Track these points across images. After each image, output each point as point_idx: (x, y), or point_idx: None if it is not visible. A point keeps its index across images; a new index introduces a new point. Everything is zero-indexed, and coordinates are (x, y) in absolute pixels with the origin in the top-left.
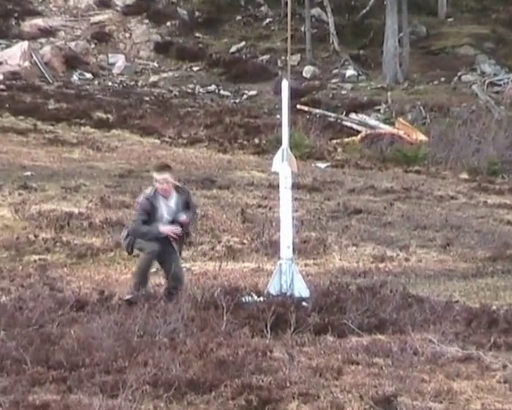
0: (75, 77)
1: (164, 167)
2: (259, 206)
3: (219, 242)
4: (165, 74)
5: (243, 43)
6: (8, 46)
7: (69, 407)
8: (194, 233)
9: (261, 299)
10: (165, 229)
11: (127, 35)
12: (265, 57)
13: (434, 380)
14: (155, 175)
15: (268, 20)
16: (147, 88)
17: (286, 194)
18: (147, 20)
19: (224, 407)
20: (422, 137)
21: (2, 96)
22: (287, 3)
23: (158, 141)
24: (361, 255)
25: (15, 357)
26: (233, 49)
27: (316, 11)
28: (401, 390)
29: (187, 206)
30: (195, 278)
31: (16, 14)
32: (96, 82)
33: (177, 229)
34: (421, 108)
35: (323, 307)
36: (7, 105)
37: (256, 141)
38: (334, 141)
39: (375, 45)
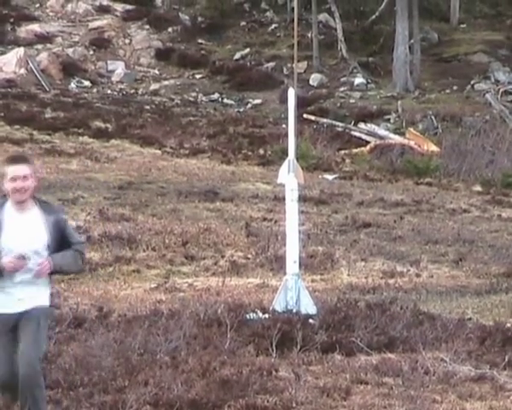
0: (73, 85)
1: (19, 158)
2: (264, 219)
3: (223, 256)
4: (166, 82)
5: (248, 50)
6: (3, 53)
7: None
8: (196, 247)
9: (266, 316)
10: (8, 262)
11: (127, 41)
12: (271, 64)
13: (446, 401)
14: (5, 169)
15: (273, 25)
16: (147, 96)
17: (292, 207)
18: (147, 26)
19: None
20: (434, 148)
21: None
22: (293, 9)
23: (159, 151)
24: (370, 271)
25: None
26: (237, 55)
27: (323, 17)
28: None
29: (62, 238)
30: (198, 294)
31: (12, 20)
32: (94, 90)
33: (22, 263)
34: (433, 117)
35: (331, 325)
36: (2, 114)
37: (261, 152)
38: (342, 152)
39: (384, 52)
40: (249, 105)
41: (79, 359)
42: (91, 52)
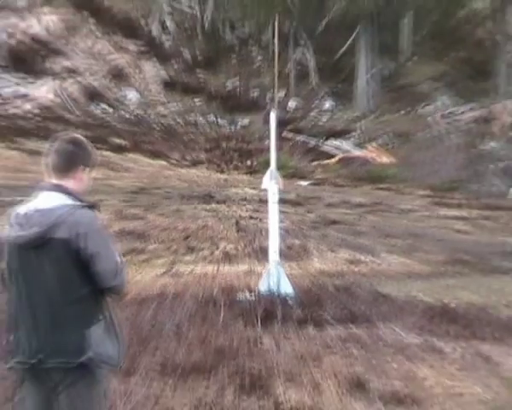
0: (95, 108)
1: None
2: (251, 217)
3: (217, 248)
4: (171, 106)
5: (237, 80)
6: (35, 82)
7: None
8: (196, 241)
9: (252, 296)
10: None
11: (139, 73)
12: (256, 92)
13: (399, 365)
14: None
15: (258, 60)
16: (156, 118)
17: (273, 207)
18: (156, 60)
19: (222, 387)
20: (390, 159)
21: (30, 124)
22: (274, 47)
23: (165, 163)
24: (337, 259)
25: None
26: (228, 84)
27: (299, 52)
28: (371, 374)
29: None
30: (197, 278)
31: (44, 53)
32: (113, 113)
33: None
34: (389, 134)
35: (305, 303)
36: (35, 132)
37: (248, 163)
38: (314, 163)
39: (349, 81)
40: (239, 125)
41: None
42: (110, 81)
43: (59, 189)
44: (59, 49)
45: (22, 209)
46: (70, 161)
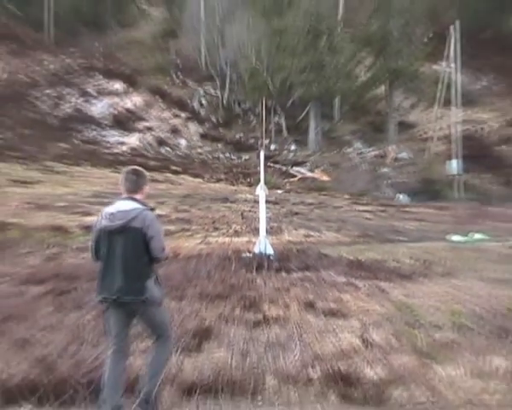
0: (162, 150)
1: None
2: (250, 211)
3: (230, 228)
4: (204, 148)
5: (242, 134)
6: (128, 135)
7: None
8: (219, 224)
9: (250, 255)
10: None
11: (187, 129)
12: (252, 140)
13: (333, 294)
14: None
15: (254, 122)
16: (196, 155)
17: (262, 205)
18: (196, 122)
19: (232, 307)
20: (327, 178)
21: (125, 158)
22: (263, 115)
23: (201, 180)
24: (298, 235)
25: None
26: (237, 136)
27: (276, 117)
28: (318, 299)
29: None
30: (219, 245)
31: (133, 119)
32: (172, 152)
33: None
34: (327, 164)
35: (280, 259)
36: (127, 162)
37: (248, 180)
38: (285, 180)
39: (305, 134)
40: (243, 159)
41: (165, 276)
42: (170, 134)
43: (131, 199)
44: (142, 116)
45: (109, 209)
46: (136, 185)
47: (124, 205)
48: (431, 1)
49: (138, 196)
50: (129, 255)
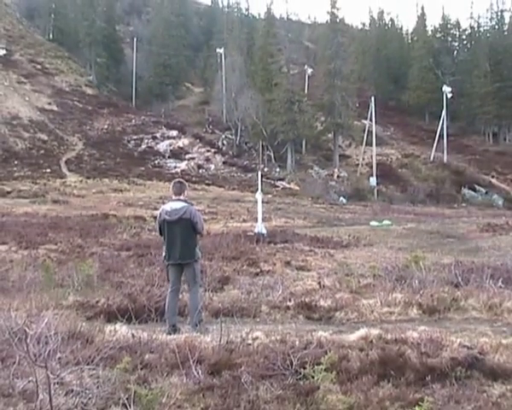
0: (200, 171)
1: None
2: (252, 207)
3: (241, 217)
4: (225, 170)
5: (247, 161)
6: (181, 162)
7: None
8: (234, 215)
9: (253, 233)
10: None
11: (213, 159)
12: (254, 165)
13: (302, 257)
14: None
15: (254, 154)
16: (219, 174)
17: (260, 204)
18: (220, 155)
19: (241, 264)
20: (298, 188)
21: (178, 176)
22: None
23: (223, 189)
24: (280, 221)
25: None
26: (245, 163)
27: (267, 154)
28: (293, 259)
29: None
30: (234, 228)
31: (182, 155)
32: (206, 172)
33: None
34: (297, 179)
35: (270, 236)
36: (179, 181)
37: (251, 189)
38: (273, 189)
39: (285, 162)
40: (248, 176)
41: (202, 246)
42: (204, 161)
43: (179, 199)
44: (188, 151)
45: (166, 207)
46: (180, 189)
47: (175, 204)
48: (358, 83)
49: (182, 197)
50: (184, 235)
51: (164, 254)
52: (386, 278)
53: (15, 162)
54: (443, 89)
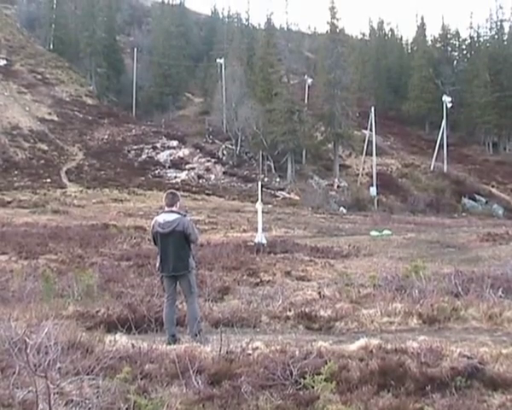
0: (200, 181)
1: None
2: (252, 217)
3: (241, 227)
4: (225, 180)
5: (248, 171)
6: (181, 172)
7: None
8: (234, 225)
9: (253, 243)
10: None
11: (214, 169)
12: (254, 175)
13: (302, 267)
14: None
15: (254, 164)
16: (220, 184)
17: (260, 213)
18: (220, 165)
19: (241, 274)
20: (298, 197)
21: (177, 186)
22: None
23: (223, 199)
24: (281, 231)
25: None
26: (245, 173)
27: (267, 165)
28: (293, 269)
29: None
30: (234, 237)
31: (182, 165)
32: (206, 182)
33: None
34: (297, 189)
35: (270, 246)
36: (180, 189)
37: (251, 199)
38: (273, 199)
39: (285, 172)
40: (248, 186)
41: (201, 256)
42: (204, 172)
43: (172, 211)
44: (188, 161)
45: (159, 219)
46: (172, 201)
47: (168, 216)
48: (358, 92)
49: (175, 208)
50: (177, 247)
51: (157, 265)
52: (387, 288)
53: (15, 172)
54: (443, 99)
